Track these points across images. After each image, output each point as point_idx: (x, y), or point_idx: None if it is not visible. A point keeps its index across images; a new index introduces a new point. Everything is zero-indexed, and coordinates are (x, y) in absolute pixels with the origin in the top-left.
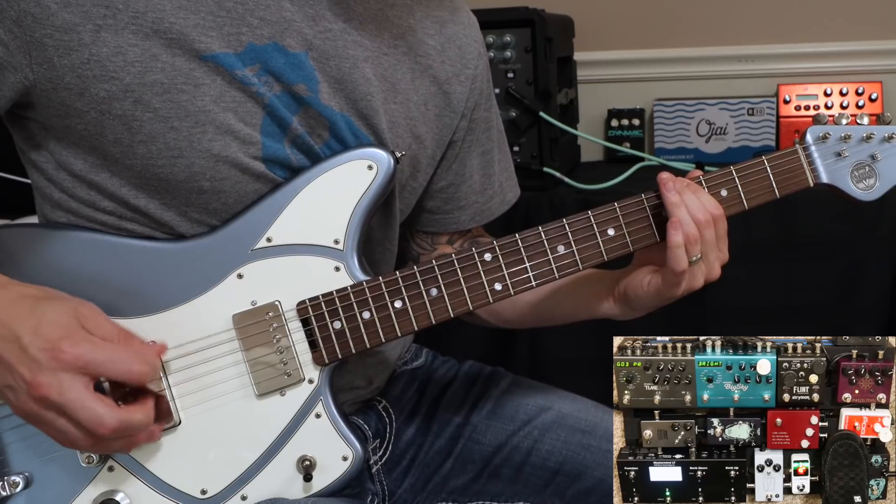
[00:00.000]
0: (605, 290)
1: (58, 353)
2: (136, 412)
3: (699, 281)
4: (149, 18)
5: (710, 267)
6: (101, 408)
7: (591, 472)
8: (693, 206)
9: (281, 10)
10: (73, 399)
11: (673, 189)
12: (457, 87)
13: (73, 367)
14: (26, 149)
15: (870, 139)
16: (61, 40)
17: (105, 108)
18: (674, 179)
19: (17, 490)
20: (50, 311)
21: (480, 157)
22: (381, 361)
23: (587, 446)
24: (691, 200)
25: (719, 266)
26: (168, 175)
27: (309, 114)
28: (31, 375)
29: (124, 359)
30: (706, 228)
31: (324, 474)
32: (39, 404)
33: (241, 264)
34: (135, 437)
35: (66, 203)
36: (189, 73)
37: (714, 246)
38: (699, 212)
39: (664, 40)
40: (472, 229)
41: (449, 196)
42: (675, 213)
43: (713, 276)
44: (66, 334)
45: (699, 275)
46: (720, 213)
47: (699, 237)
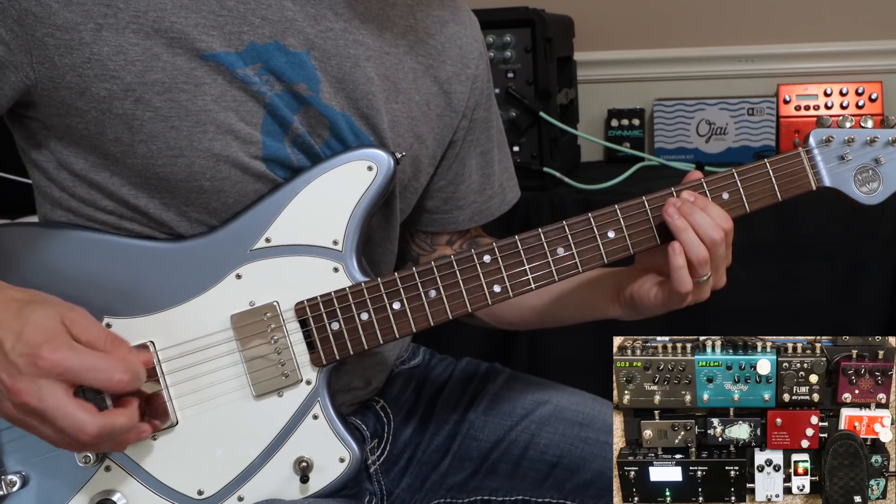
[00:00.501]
0: (610, 293)
1: (37, 358)
2: (118, 416)
3: (706, 294)
4: (150, 17)
5: (717, 278)
6: (81, 414)
7: (589, 464)
8: (705, 226)
9: (282, 9)
10: (53, 406)
11: (676, 214)
12: (457, 86)
13: (52, 373)
14: (27, 148)
15: (874, 143)
16: (62, 39)
17: (106, 108)
18: (677, 204)
19: (14, 489)
20: (35, 315)
21: (480, 157)
22: (379, 362)
23: (585, 439)
24: (702, 220)
25: (725, 273)
26: (168, 174)
27: (310, 113)
28: (10, 381)
29: (105, 367)
30: (720, 246)
31: (321, 476)
32: (20, 411)
33: (239, 264)
34: (123, 438)
35: (66, 202)
36: (190, 72)
37: (724, 259)
38: (713, 231)
39: (664, 40)
40: (472, 230)
41: (448, 196)
42: (681, 237)
43: (720, 285)
44: (47, 339)
45: (706, 289)
46: (730, 225)
47: (709, 259)
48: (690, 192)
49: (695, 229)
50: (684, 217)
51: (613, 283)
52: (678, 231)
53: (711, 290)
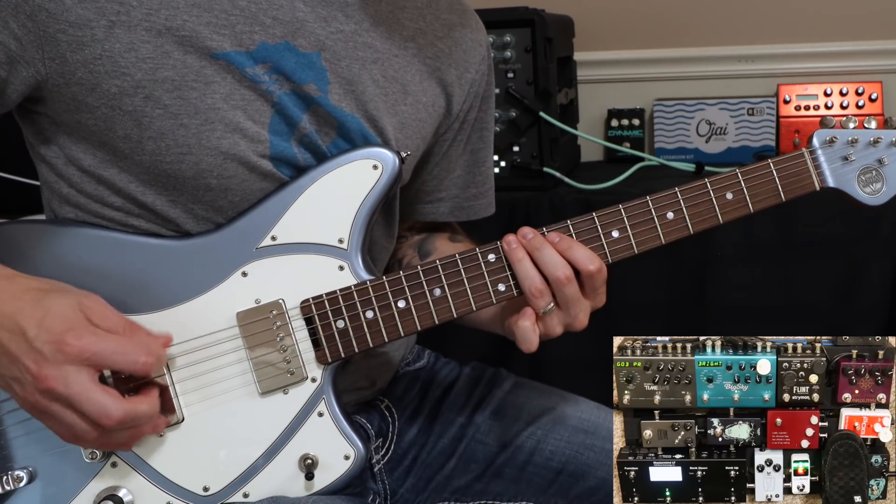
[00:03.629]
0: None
1: (63, 345)
2: (141, 403)
3: (557, 329)
4: (162, 16)
5: (569, 318)
6: (106, 399)
7: (594, 471)
8: (550, 264)
9: (294, 10)
10: (79, 391)
11: (514, 243)
12: (457, 90)
13: (78, 359)
14: (36, 143)
15: (877, 143)
16: (74, 35)
17: (115, 104)
18: (525, 236)
19: (21, 485)
20: (55, 303)
21: (469, 155)
22: (384, 363)
23: (590, 446)
24: (548, 258)
25: (585, 317)
26: (176, 172)
27: (318, 113)
28: (36, 368)
29: (129, 350)
30: (565, 286)
31: (326, 473)
32: (45, 397)
33: (245, 262)
34: (139, 430)
35: (74, 198)
36: (200, 70)
37: (577, 301)
38: (557, 269)
39: (664, 40)
40: (442, 227)
41: (431, 188)
42: (516, 267)
43: (577, 327)
44: (70, 327)
45: (554, 323)
46: (595, 267)
47: (544, 290)
48: (532, 230)
49: (536, 263)
50: (524, 249)
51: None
52: (514, 262)
53: (568, 329)
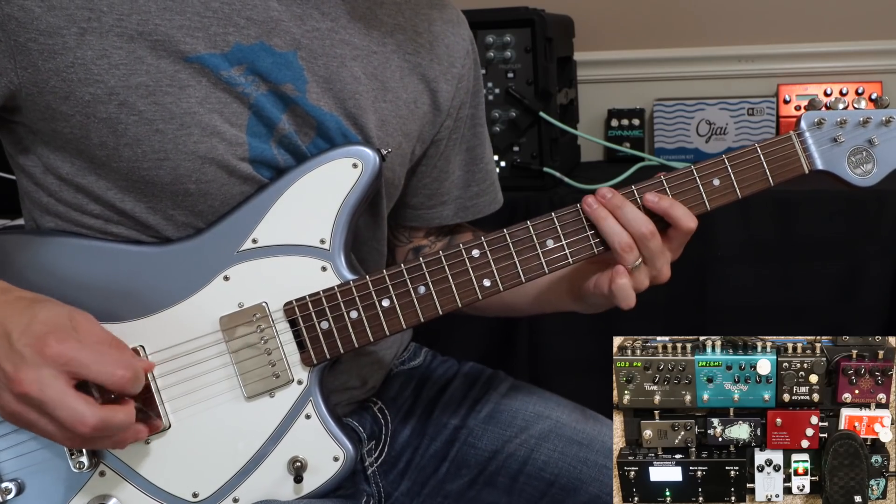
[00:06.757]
0: (566, 287)
1: (44, 346)
2: (117, 412)
3: (644, 283)
4: (133, 21)
5: (655, 272)
6: (81, 406)
7: (586, 487)
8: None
9: (268, 9)
10: (53, 396)
11: (595, 204)
12: (443, 85)
13: (56, 362)
14: (14, 153)
15: (867, 123)
16: (45, 44)
17: (90, 112)
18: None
19: (9, 497)
20: (44, 311)
21: (465, 154)
22: (375, 361)
23: (584, 460)
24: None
25: (667, 268)
26: (154, 178)
27: (297, 113)
28: (13, 371)
29: (108, 362)
30: (649, 239)
31: (315, 475)
32: (21, 402)
33: (227, 266)
34: (121, 436)
35: (53, 207)
36: (174, 74)
37: (661, 253)
38: (641, 225)
39: (664, 40)
40: (458, 226)
41: (432, 192)
42: (601, 225)
43: (661, 279)
44: (54, 331)
45: (642, 277)
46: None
47: (633, 245)
48: (610, 190)
49: (619, 220)
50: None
51: (571, 278)
52: (598, 220)
53: (654, 283)
